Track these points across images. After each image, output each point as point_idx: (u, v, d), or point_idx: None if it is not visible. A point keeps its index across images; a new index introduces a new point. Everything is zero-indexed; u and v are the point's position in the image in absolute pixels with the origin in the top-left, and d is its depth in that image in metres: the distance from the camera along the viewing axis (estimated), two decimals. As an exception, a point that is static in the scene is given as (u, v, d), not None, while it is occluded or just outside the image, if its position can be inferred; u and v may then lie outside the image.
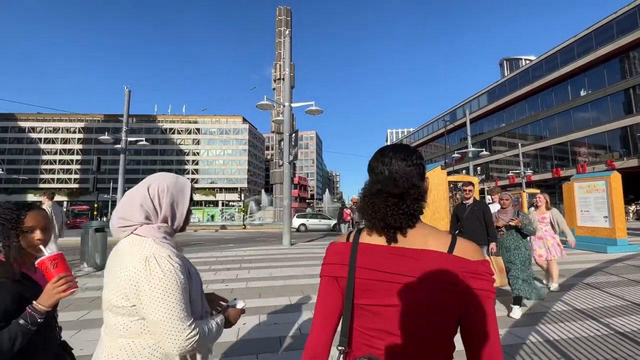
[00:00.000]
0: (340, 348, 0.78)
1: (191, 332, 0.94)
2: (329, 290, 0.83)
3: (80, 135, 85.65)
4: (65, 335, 3.35)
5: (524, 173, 30.46)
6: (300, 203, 76.47)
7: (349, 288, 0.77)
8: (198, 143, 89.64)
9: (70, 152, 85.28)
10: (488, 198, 9.22)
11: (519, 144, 34.59)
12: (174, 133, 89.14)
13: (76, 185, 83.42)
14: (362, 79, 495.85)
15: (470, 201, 4.60)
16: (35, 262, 1.11)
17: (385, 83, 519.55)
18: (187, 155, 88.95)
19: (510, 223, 4.25)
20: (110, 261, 1.01)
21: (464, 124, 27.74)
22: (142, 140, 16.87)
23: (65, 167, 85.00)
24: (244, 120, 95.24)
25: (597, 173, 10.18)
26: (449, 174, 9.22)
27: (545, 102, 36.60)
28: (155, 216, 1.04)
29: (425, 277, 0.71)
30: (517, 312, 3.98)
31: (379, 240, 0.80)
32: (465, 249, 0.74)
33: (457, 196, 9.92)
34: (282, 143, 11.93)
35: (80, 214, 41.77)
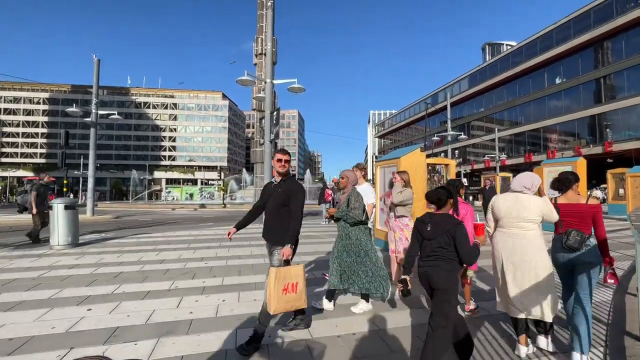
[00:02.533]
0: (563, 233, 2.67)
1: None
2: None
3: (45, 107, 79.91)
4: (35, 314, 3.29)
5: (499, 157, 31.60)
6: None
7: (557, 212, 2.67)
8: (175, 119, 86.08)
9: (34, 124, 79.70)
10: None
11: (496, 129, 35.64)
12: (148, 107, 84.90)
13: (42, 160, 78.69)
14: (346, 59, 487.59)
15: (278, 178, 2.99)
16: (475, 223, 3.01)
17: (369, 64, 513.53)
18: (164, 131, 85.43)
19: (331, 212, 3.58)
20: (516, 201, 2.66)
21: (444, 108, 28.13)
22: (114, 114, 16.00)
23: (30, 140, 79.63)
24: (224, 96, 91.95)
25: (565, 159, 10.72)
26: (428, 156, 9.42)
27: (523, 88, 37.56)
28: (531, 188, 2.67)
29: (580, 210, 2.67)
30: (360, 306, 3.47)
31: (561, 199, 2.80)
32: (591, 201, 2.70)
33: (435, 178, 10.21)
34: (263, 121, 11.66)
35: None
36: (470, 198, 32.80)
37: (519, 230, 2.63)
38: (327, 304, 3.52)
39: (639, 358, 2.53)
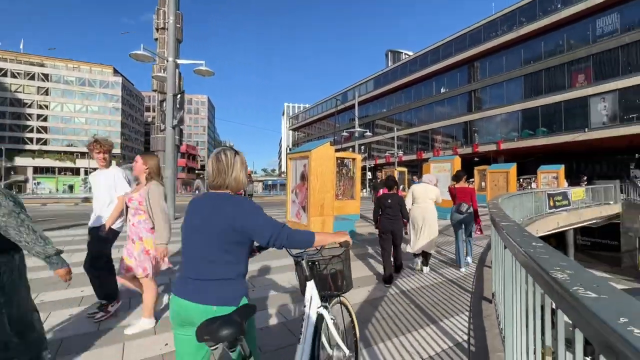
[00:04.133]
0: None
1: None
2: (451, 193, 5.61)
3: None
4: None
5: (397, 154, 35.69)
6: (188, 174, 70.22)
7: (454, 195, 5.47)
8: (47, 93, 69.83)
9: None
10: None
11: (395, 128, 40.03)
12: (5, 75, 66.67)
13: None
14: (260, 50, 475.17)
15: None
16: None
17: (283, 55, 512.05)
18: (30, 107, 68.51)
19: None
20: (424, 189, 5.00)
21: (353, 106, 30.14)
22: (-55, 80, 11.98)
23: None
24: (116, 72, 78.86)
25: (445, 157, 12.70)
26: (338, 151, 9.91)
27: (417, 94, 43.04)
28: (432, 182, 5.22)
29: (465, 191, 5.29)
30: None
31: (457, 185, 5.49)
32: (470, 185, 5.72)
33: (343, 171, 10.85)
34: (164, 104, 10.43)
35: None
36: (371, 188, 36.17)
37: (426, 205, 4.99)
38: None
39: (491, 317, 3.18)
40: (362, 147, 47.09)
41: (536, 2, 28.64)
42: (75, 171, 67.55)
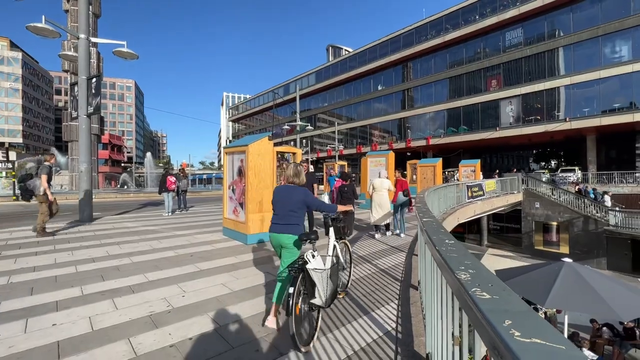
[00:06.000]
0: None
1: None
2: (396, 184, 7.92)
3: None
4: None
5: (338, 147, 36.64)
6: (112, 167, 62.89)
7: (396, 184, 7.81)
8: None
9: None
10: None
11: (336, 123, 41.00)
12: None
13: None
14: (198, 36, 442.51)
15: None
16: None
17: (223, 45, 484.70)
18: None
19: None
20: (381, 182, 7.31)
21: (294, 99, 29.99)
22: None
23: None
24: (13, 45, 66.24)
25: (381, 151, 13.39)
26: (280, 144, 9.75)
27: (356, 90, 44.54)
28: (387, 176, 7.76)
29: (402, 182, 7.79)
30: None
31: (398, 179, 7.97)
32: (406, 179, 9.52)
33: (284, 166, 10.75)
34: (76, 88, 9.05)
35: None
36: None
37: (382, 192, 7.17)
38: None
39: (417, 303, 3.44)
40: (304, 140, 47.25)
41: (459, 11, 31.63)
42: (-41, 164, 55.52)
